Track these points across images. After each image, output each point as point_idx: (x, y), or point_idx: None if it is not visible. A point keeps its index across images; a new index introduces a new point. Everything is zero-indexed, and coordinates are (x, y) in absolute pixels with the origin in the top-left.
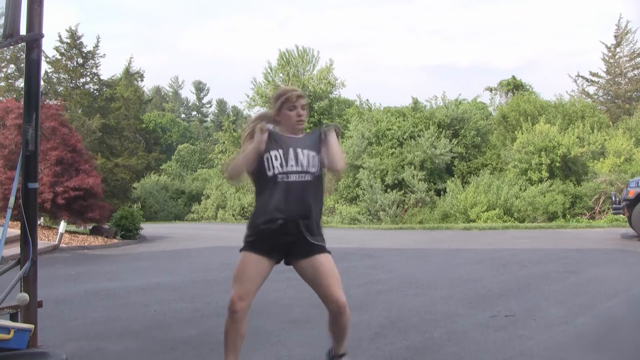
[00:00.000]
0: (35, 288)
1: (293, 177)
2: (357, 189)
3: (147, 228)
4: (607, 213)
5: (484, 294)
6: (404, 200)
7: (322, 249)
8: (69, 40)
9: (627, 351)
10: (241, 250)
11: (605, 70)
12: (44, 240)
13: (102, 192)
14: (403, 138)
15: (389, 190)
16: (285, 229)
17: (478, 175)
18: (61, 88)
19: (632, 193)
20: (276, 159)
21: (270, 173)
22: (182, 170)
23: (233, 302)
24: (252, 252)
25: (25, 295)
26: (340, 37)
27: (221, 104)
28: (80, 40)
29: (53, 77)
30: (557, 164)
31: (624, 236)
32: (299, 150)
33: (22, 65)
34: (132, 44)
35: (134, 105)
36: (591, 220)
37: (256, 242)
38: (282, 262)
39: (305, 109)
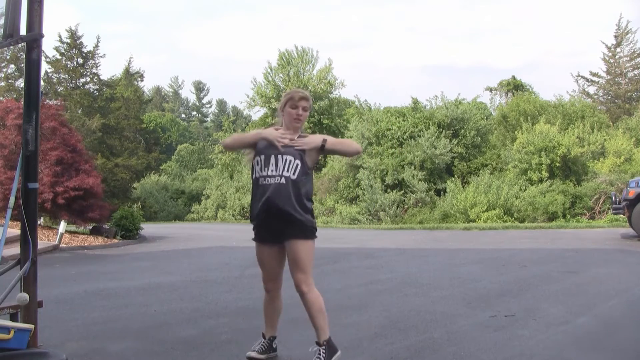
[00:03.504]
0: (35, 288)
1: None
2: (357, 189)
3: (147, 228)
4: (607, 213)
5: (484, 294)
6: (404, 200)
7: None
8: (69, 40)
9: (627, 351)
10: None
11: (605, 70)
12: (44, 240)
13: (102, 192)
14: (403, 138)
15: (389, 190)
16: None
17: (478, 175)
18: (61, 88)
19: (632, 193)
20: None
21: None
22: (182, 170)
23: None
24: None
25: (25, 295)
26: (340, 37)
27: (221, 104)
28: (80, 40)
29: (53, 77)
30: (557, 164)
31: (624, 236)
32: (279, 156)
33: (22, 65)
34: (132, 44)
35: (134, 105)
36: (591, 220)
37: None
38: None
39: (306, 111)
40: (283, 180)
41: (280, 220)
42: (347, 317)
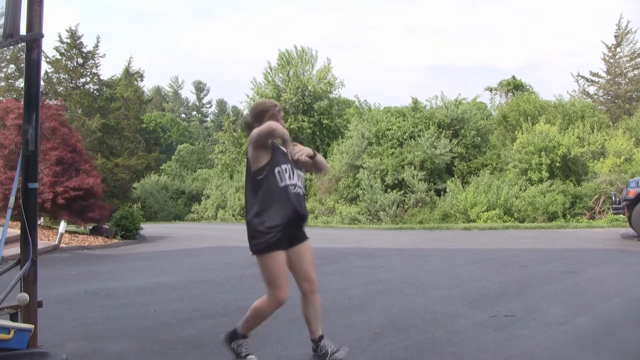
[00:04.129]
0: (35, 288)
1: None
2: (357, 189)
3: (147, 228)
4: (607, 213)
5: (484, 294)
6: (404, 200)
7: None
8: (69, 40)
9: (627, 351)
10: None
11: (605, 70)
12: (44, 240)
13: (102, 192)
14: (403, 138)
15: (389, 190)
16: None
17: (478, 175)
18: (61, 88)
19: (632, 193)
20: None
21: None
22: (182, 170)
23: None
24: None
25: (25, 295)
26: (340, 37)
27: (221, 104)
28: (80, 40)
29: (53, 77)
30: (557, 164)
31: (624, 236)
32: (294, 169)
33: (22, 65)
34: (132, 44)
35: (134, 105)
36: (591, 220)
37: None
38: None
39: (281, 120)
40: (301, 192)
41: (300, 224)
42: (347, 317)
